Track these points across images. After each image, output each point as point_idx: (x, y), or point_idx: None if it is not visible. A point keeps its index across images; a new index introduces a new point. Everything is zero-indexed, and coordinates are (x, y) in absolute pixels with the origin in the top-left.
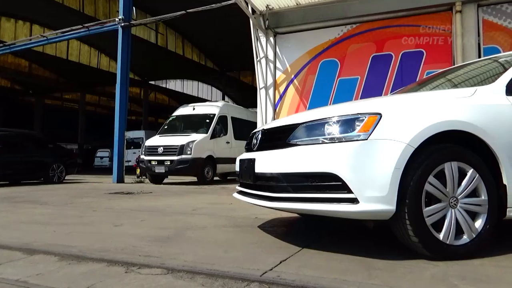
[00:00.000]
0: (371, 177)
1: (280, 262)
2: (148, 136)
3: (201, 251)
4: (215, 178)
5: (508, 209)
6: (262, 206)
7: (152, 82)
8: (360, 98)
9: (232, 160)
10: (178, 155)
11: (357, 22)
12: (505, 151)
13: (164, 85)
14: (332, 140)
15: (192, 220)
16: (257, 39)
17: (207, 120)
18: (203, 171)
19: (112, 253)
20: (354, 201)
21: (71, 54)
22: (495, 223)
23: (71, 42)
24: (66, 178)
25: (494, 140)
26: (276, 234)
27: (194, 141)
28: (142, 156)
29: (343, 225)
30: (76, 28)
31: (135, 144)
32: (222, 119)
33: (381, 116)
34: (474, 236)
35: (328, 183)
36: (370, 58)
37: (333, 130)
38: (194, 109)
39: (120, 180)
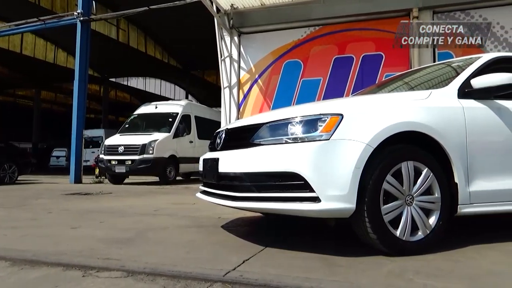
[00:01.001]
0: (332, 176)
1: (243, 262)
2: (108, 135)
3: (163, 253)
4: (178, 178)
5: (459, 206)
6: (225, 205)
7: (113, 79)
8: (323, 99)
9: (196, 160)
10: (140, 154)
11: (320, 25)
12: (457, 151)
13: (125, 83)
14: (295, 140)
15: (154, 221)
16: (222, 38)
17: (170, 119)
18: (166, 171)
19: (68, 256)
20: (316, 200)
21: (25, 48)
22: (447, 219)
23: (25, 35)
24: (19, 178)
25: (447, 141)
26: (240, 233)
27: (156, 140)
28: (101, 156)
29: (306, 223)
30: (31, 21)
31: (94, 143)
32: (186, 118)
33: (342, 117)
34: (428, 232)
35: (291, 182)
36: (332, 60)
37: (296, 130)
38: (156, 107)
39: (77, 180)
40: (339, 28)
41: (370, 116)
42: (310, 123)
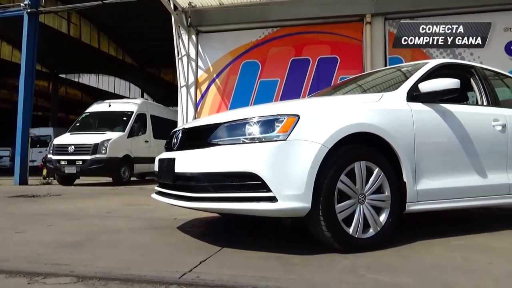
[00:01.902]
0: (289, 176)
1: (200, 263)
2: (57, 134)
3: (116, 256)
4: (133, 179)
5: (407, 203)
6: (181, 206)
7: (63, 76)
8: (280, 100)
9: (151, 160)
10: (92, 154)
11: (278, 26)
12: (405, 152)
13: (76, 79)
14: (253, 140)
15: (107, 223)
16: (179, 37)
17: (124, 118)
18: (119, 171)
19: (12, 262)
20: (273, 199)
21: None
22: (397, 217)
23: None
24: None
25: (396, 142)
26: (196, 234)
27: (109, 139)
28: (49, 156)
29: (262, 223)
30: None
31: (42, 142)
32: (141, 117)
33: (299, 118)
34: (379, 229)
35: (248, 182)
36: (290, 62)
37: (254, 130)
38: (110, 105)
39: (23, 182)
40: (296, 30)
41: (325, 118)
42: (268, 124)
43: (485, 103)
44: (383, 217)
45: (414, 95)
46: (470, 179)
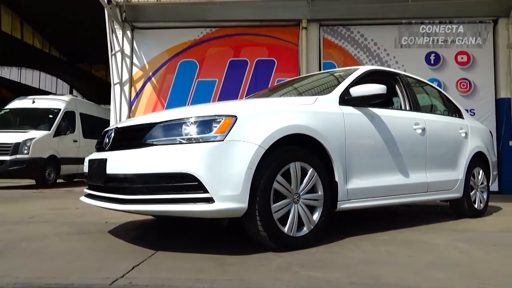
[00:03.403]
0: (226, 177)
1: (133, 268)
2: None
3: (39, 264)
4: (59, 181)
5: (338, 202)
6: (113, 209)
7: None
8: (218, 100)
9: (80, 161)
10: (12, 154)
11: (216, 26)
12: (337, 153)
13: None
14: (190, 140)
15: (29, 229)
16: (113, 32)
17: (51, 116)
18: (44, 172)
19: None
20: (210, 200)
21: None
22: (329, 215)
23: None
24: None
25: (329, 143)
26: (129, 238)
27: (32, 138)
28: None
29: (198, 224)
30: None
31: None
32: (69, 115)
33: (236, 119)
34: (312, 227)
35: (185, 183)
36: (228, 62)
37: (191, 130)
38: (34, 102)
39: None
40: (235, 31)
41: (263, 119)
42: (205, 124)
43: (407, 108)
44: (316, 216)
45: (345, 99)
46: (395, 179)
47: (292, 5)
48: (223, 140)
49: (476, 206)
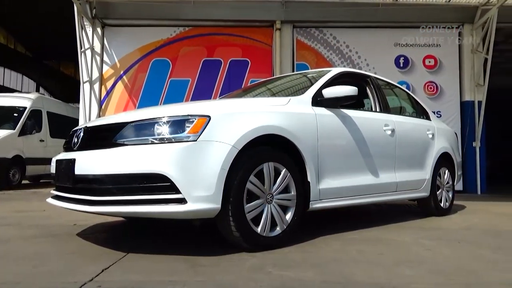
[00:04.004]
0: (198, 177)
1: (102, 271)
2: None
3: (2, 269)
4: (24, 182)
5: (310, 202)
6: (82, 211)
7: None
8: (191, 100)
9: (47, 161)
10: None
11: (190, 25)
12: (309, 153)
13: None
14: (162, 140)
15: None
16: (82, 28)
17: (15, 114)
18: (8, 173)
19: None
20: (182, 201)
21: None
22: (301, 215)
23: None
24: None
25: (301, 144)
26: (99, 240)
27: None
28: None
29: (170, 225)
30: None
31: None
32: (35, 114)
33: (210, 119)
34: (285, 227)
35: (157, 184)
36: (201, 62)
37: (163, 130)
38: None
39: None
40: (208, 31)
41: (236, 119)
42: (178, 124)
43: (378, 110)
44: (289, 216)
45: (318, 100)
46: (365, 178)
47: (266, 6)
48: (196, 140)
49: (442, 204)
